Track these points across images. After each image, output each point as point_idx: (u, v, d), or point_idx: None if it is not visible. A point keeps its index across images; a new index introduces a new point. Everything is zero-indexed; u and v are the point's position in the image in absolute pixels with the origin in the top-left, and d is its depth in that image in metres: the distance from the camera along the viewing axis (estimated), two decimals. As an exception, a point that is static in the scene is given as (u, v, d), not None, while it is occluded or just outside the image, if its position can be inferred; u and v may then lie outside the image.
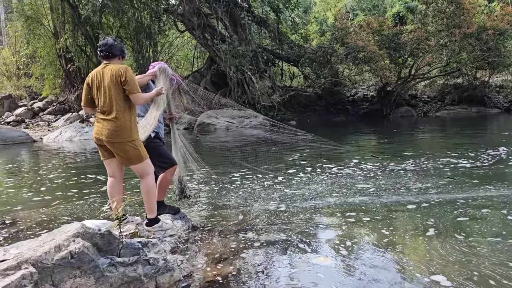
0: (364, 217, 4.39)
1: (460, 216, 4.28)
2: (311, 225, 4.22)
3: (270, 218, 4.46)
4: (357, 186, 5.78)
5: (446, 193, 5.21)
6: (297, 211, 4.69)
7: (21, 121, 20.82)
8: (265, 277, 3.07)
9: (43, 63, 23.01)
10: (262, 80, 19.51)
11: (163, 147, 4.10)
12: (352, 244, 3.64)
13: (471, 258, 3.23)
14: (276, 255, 3.47)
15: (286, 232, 4.01)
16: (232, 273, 3.11)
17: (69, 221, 4.39)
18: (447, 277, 2.92)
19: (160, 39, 22.56)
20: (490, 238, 3.67)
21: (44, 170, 8.85)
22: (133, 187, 5.99)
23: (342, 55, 19.43)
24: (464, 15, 17.98)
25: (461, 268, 3.05)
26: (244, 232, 4.04)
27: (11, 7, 24.92)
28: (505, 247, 3.41)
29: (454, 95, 22.05)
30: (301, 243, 3.70)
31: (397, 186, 5.70)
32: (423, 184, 5.72)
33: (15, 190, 6.73)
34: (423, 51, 19.28)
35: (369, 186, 5.78)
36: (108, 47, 3.61)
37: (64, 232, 2.75)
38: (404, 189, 5.50)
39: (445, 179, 5.98)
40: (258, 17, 21.57)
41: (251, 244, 3.71)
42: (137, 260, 2.80)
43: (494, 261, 3.15)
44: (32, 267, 2.39)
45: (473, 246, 3.47)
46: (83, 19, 18.97)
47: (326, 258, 3.37)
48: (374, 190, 5.51)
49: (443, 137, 12.78)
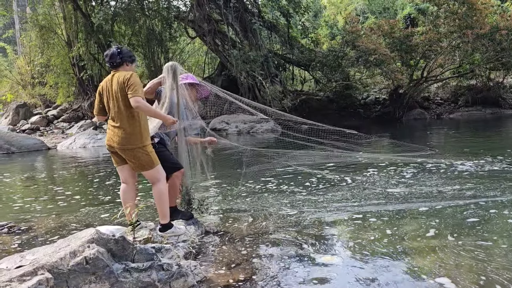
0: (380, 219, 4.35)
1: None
2: (324, 229, 4.19)
3: (283, 222, 4.44)
4: (388, 191, 5.73)
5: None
6: (310, 215, 4.66)
7: (36, 129, 21.12)
8: (278, 282, 3.05)
9: (57, 72, 23.36)
10: (273, 85, 19.53)
11: (166, 152, 4.08)
12: (364, 246, 3.61)
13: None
14: (290, 259, 3.45)
15: (299, 236, 3.98)
16: (246, 278, 3.10)
17: (83, 227, 4.43)
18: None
19: (171, 45, 22.74)
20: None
21: (59, 177, 8.96)
22: (147, 193, 6.02)
23: (353, 58, 19.35)
24: (477, 16, 17.77)
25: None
26: (257, 236, 4.03)
27: (26, 17, 25.38)
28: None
29: (468, 96, 21.79)
30: (315, 247, 3.68)
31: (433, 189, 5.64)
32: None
33: (30, 197, 6.82)
34: (435, 52, 19.10)
35: (401, 190, 5.73)
36: (111, 56, 3.67)
37: (79, 238, 2.78)
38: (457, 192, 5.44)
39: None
40: (268, 22, 21.62)
41: (264, 249, 3.70)
42: (151, 265, 2.81)
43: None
44: (48, 273, 2.42)
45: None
46: (95, 28, 19.23)
47: (335, 258, 3.34)
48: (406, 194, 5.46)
49: (475, 137, 12.60)
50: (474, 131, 14.43)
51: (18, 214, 5.51)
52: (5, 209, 5.98)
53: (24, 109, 23.04)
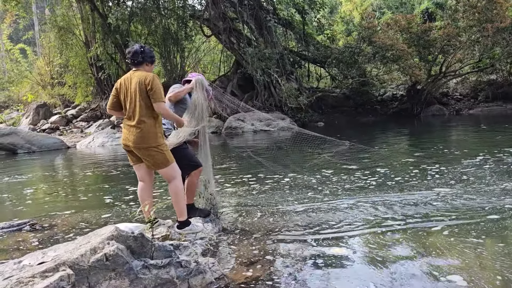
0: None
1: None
2: (340, 226, 4.16)
3: (300, 220, 4.43)
4: (403, 186, 5.67)
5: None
6: (325, 211, 4.64)
7: (56, 128, 21.51)
8: (296, 279, 3.05)
9: (76, 72, 23.73)
10: (289, 82, 19.44)
11: (188, 150, 4.18)
12: (381, 244, 3.57)
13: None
14: (307, 256, 3.44)
15: (316, 233, 3.97)
16: (264, 276, 3.10)
17: (103, 225, 4.50)
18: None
19: (187, 44, 22.84)
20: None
21: (79, 175, 9.11)
22: (165, 190, 6.08)
23: (370, 54, 19.12)
24: (497, 9, 17.37)
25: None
26: (275, 234, 4.02)
27: (45, 18, 25.84)
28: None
29: (488, 92, 21.32)
30: (332, 244, 3.66)
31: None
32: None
33: (51, 195, 6.95)
34: (454, 47, 18.73)
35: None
36: (133, 54, 3.70)
37: (99, 235, 2.82)
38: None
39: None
40: (284, 19, 21.53)
41: (282, 246, 3.69)
42: (169, 262, 2.84)
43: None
44: (69, 269, 2.46)
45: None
46: (112, 28, 19.44)
47: (350, 253, 3.32)
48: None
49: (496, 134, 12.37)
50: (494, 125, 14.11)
51: (40, 212, 5.62)
52: (27, 207, 6.11)
53: (44, 109, 23.48)
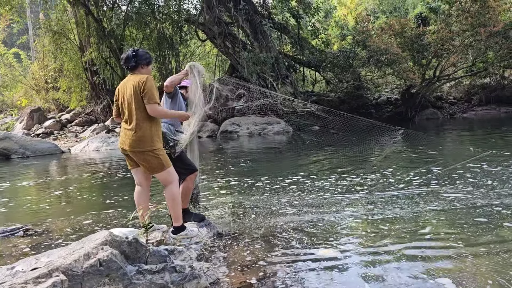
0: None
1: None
2: (336, 228, 4.16)
3: (296, 223, 4.42)
4: (402, 191, 5.69)
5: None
6: (323, 215, 4.64)
7: (50, 133, 21.43)
8: (291, 283, 3.04)
9: (70, 77, 23.71)
10: (284, 87, 19.50)
11: (184, 154, 4.18)
12: (373, 242, 3.57)
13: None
14: (303, 261, 3.43)
15: (312, 237, 3.96)
16: (258, 280, 3.09)
17: (97, 230, 4.47)
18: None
19: (182, 49, 22.89)
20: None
21: (73, 180, 9.05)
22: (162, 196, 6.06)
23: (364, 58, 19.24)
24: (490, 13, 17.56)
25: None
26: (270, 238, 4.02)
27: (39, 23, 25.79)
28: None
29: (481, 95, 21.51)
30: (328, 247, 3.65)
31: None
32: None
33: (45, 200, 6.90)
34: (447, 51, 18.90)
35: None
36: (126, 60, 3.71)
37: (93, 240, 2.80)
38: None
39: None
40: (278, 23, 21.62)
41: (276, 250, 3.68)
42: (164, 267, 2.82)
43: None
44: (62, 274, 2.44)
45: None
46: (107, 32, 19.43)
47: (344, 256, 3.31)
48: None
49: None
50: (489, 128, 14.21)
51: (33, 217, 5.57)
52: (21, 212, 6.06)
53: (38, 114, 23.40)
